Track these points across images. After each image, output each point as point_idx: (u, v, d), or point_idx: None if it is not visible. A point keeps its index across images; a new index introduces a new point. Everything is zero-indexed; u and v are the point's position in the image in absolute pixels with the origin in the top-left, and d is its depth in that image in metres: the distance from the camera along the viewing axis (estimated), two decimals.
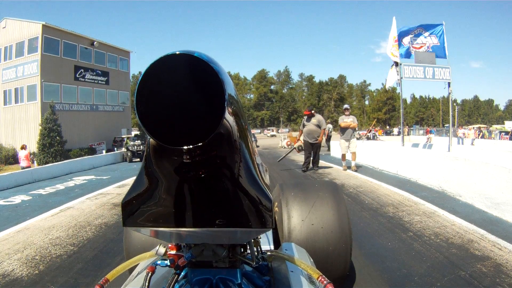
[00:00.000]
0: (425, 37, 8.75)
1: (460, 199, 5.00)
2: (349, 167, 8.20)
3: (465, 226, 3.79)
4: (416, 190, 5.67)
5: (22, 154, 11.66)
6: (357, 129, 9.08)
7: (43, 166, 11.28)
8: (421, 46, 8.76)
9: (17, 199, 6.66)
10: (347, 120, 8.03)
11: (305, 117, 8.03)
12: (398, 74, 8.60)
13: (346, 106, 8.46)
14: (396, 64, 8.76)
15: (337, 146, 9.89)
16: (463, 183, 5.05)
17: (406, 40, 8.73)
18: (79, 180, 9.10)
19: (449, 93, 9.03)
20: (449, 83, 8.91)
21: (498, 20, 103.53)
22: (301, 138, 8.11)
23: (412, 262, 2.87)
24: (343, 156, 8.36)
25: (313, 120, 7.84)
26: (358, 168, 8.22)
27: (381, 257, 3.02)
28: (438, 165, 5.92)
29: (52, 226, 4.46)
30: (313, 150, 8.06)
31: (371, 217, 4.23)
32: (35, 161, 16.10)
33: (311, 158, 8.18)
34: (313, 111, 8.05)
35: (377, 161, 8.59)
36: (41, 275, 2.94)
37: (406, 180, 6.77)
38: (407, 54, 8.89)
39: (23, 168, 11.04)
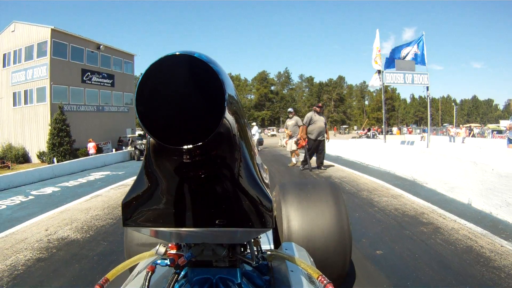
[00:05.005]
0: (408, 48, 9.82)
1: (426, 185, 5.96)
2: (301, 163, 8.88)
3: (422, 204, 4.74)
4: (391, 180, 6.64)
5: (90, 145, 17.59)
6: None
7: (62, 163, 12.31)
8: (404, 55, 9.82)
9: (48, 190, 7.66)
10: (289, 122, 8.82)
11: (313, 113, 7.76)
12: (380, 80, 9.66)
13: (289, 109, 9.20)
14: (379, 71, 9.82)
15: (331, 144, 10.74)
16: (428, 172, 6.02)
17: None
18: (97, 175, 10.13)
19: (427, 96, 10.07)
20: (427, 87, 9.97)
21: (498, 20, 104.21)
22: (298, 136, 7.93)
23: (370, 226, 3.84)
24: (292, 153, 9.10)
25: (322, 118, 7.74)
26: (295, 165, 8.93)
27: None
28: (410, 159, 6.92)
29: (89, 207, 5.44)
30: (319, 148, 7.86)
31: (347, 199, 5.17)
32: (54, 159, 17.11)
33: (317, 158, 8.04)
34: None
35: (363, 156, 9.64)
36: (93, 237, 3.92)
37: (386, 172, 7.74)
38: (390, 63, 9.94)
39: (91, 154, 16.40)
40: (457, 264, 2.82)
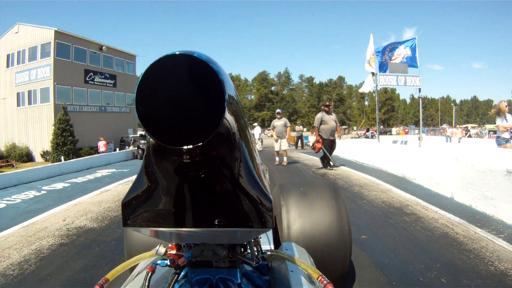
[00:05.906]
0: (400, 50, 10.27)
1: (414, 181, 6.38)
2: (281, 162, 9.31)
3: (408, 197, 5.15)
4: (382, 176, 7.06)
5: (101, 143, 18.82)
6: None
7: (69, 161, 12.75)
8: (397, 57, 10.28)
9: (58, 185, 8.08)
10: (278, 123, 9.09)
11: (322, 113, 7.80)
12: (374, 82, 10.14)
13: (278, 110, 9.55)
14: (373, 74, 10.29)
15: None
16: (417, 169, 6.44)
17: (384, 57, 10.32)
18: (103, 172, 10.57)
19: (419, 97, 10.56)
20: (419, 89, 10.47)
21: (498, 20, 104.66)
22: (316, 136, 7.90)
23: (359, 216, 4.25)
24: (277, 153, 9.40)
25: (332, 117, 7.84)
26: (288, 164, 9.27)
27: None
28: (401, 157, 7.36)
29: (101, 201, 5.86)
30: (332, 147, 8.05)
31: None
32: (62, 158, 17.58)
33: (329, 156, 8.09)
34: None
35: (358, 155, 10.09)
36: (108, 225, 4.33)
37: (379, 169, 8.16)
38: (383, 67, 10.41)
39: (101, 152, 17.55)
40: (432, 246, 3.22)
